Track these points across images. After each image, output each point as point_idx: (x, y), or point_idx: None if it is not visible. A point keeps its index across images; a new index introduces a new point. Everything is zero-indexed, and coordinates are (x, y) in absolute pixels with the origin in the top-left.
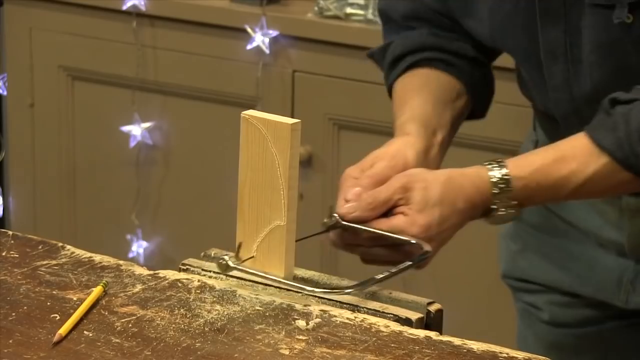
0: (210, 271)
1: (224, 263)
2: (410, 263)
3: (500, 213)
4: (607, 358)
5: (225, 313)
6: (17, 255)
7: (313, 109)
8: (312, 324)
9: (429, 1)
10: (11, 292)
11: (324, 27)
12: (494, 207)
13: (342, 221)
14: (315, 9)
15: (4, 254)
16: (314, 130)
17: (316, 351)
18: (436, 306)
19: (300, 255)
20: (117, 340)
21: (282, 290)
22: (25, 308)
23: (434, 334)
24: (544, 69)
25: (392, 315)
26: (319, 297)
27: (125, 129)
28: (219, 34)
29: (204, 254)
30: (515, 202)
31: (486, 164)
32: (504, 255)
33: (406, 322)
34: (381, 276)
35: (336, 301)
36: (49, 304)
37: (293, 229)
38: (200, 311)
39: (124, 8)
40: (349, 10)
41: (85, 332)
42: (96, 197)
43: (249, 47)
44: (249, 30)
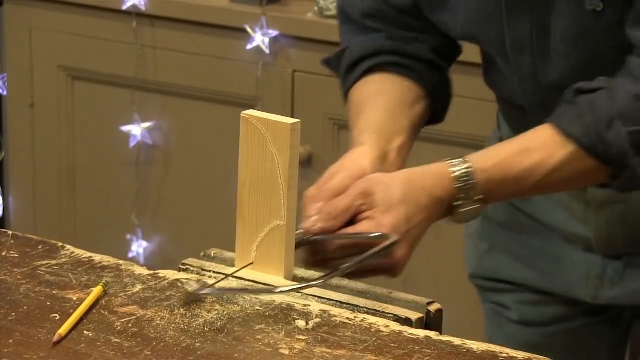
0: (210, 271)
1: (186, 290)
2: (376, 250)
3: (465, 209)
4: (577, 356)
5: (225, 313)
6: (17, 255)
7: (313, 109)
8: (312, 324)
9: None
10: (11, 292)
11: (324, 27)
12: (458, 202)
13: (308, 236)
14: (315, 9)
15: (4, 254)
16: (314, 130)
17: (316, 351)
18: (436, 306)
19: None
20: (117, 340)
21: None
22: (25, 308)
23: (434, 334)
24: (510, 60)
25: (392, 315)
26: (286, 293)
27: (125, 129)
28: (219, 34)
29: (204, 254)
30: (480, 197)
31: (448, 160)
32: (471, 256)
33: (406, 322)
34: (347, 265)
35: (336, 301)
36: (49, 304)
37: (293, 229)
38: (200, 311)
39: (124, 8)
40: None
41: (85, 332)
42: (96, 197)
43: (249, 47)
44: (249, 30)
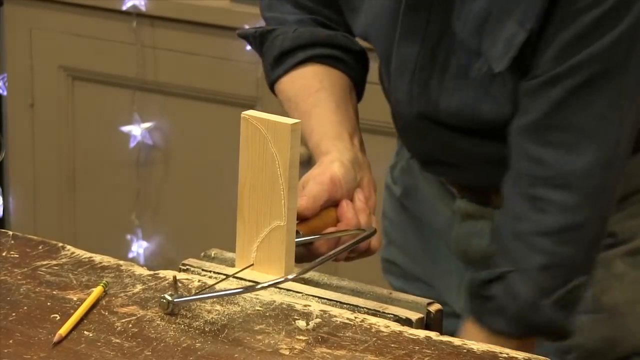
0: (210, 271)
1: (165, 302)
2: (355, 241)
3: None
4: None
5: (225, 313)
6: (17, 255)
7: None
8: (312, 324)
9: None
10: (11, 292)
11: None
12: None
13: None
14: None
15: (4, 254)
16: None
17: (316, 351)
18: (436, 306)
19: None
20: (117, 341)
21: (282, 290)
22: (26, 308)
23: (434, 334)
24: (391, 80)
25: (392, 316)
26: (268, 287)
27: (125, 129)
28: (219, 34)
29: (204, 254)
30: None
31: None
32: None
33: (406, 322)
34: (326, 256)
35: (336, 301)
36: (49, 304)
37: (293, 229)
38: (200, 311)
39: (124, 8)
40: None
41: (85, 332)
42: (96, 197)
43: (249, 47)
44: None
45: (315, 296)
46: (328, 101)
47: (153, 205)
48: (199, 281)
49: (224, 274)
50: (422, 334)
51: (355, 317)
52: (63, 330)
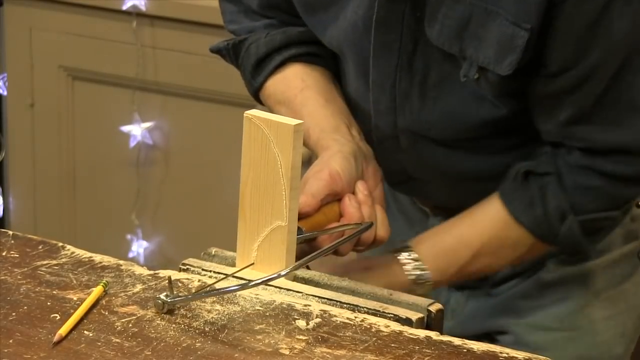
0: (210, 271)
1: (160, 302)
2: (345, 238)
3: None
4: None
5: (225, 313)
6: (17, 255)
7: None
8: (312, 323)
9: None
10: (11, 292)
11: None
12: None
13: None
14: None
15: (4, 254)
16: None
17: (316, 351)
18: (437, 306)
19: None
20: (117, 340)
21: (282, 290)
22: (26, 308)
23: (434, 334)
24: (370, 93)
25: (392, 315)
26: (257, 285)
27: (125, 129)
28: (219, 34)
29: (204, 254)
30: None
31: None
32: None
33: (406, 322)
34: (318, 252)
35: (336, 301)
36: (49, 304)
37: (294, 229)
38: (200, 311)
39: (124, 8)
40: None
41: (85, 332)
42: (96, 197)
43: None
44: None
45: (316, 296)
46: (316, 98)
47: (153, 205)
48: (199, 281)
49: (224, 274)
50: (422, 333)
51: (355, 317)
52: (63, 330)
